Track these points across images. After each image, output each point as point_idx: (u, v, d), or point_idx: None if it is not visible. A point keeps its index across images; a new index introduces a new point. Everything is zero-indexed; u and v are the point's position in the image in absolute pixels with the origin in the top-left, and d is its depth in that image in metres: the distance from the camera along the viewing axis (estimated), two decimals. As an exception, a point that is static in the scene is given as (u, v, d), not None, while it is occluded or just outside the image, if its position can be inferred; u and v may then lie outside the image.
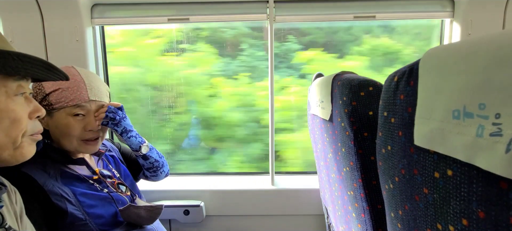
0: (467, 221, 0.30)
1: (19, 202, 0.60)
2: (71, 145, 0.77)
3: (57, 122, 0.76)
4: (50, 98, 0.74)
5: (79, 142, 0.78)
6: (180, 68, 1.46)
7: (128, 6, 1.23)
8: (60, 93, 0.75)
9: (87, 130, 0.78)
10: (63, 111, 0.75)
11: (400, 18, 1.25)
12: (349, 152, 0.66)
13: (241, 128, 1.52)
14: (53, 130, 0.77)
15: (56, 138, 0.77)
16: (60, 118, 0.75)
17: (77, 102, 0.75)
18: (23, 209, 0.60)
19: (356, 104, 0.62)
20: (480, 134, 0.26)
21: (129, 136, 0.89)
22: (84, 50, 1.21)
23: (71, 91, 0.75)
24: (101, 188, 0.80)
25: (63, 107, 0.75)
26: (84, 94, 0.77)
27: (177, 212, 1.28)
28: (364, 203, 0.66)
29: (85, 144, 0.79)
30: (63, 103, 0.75)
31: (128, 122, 0.90)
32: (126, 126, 0.88)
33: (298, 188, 1.31)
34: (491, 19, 1.18)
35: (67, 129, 0.75)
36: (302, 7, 1.23)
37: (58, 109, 0.75)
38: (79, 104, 0.76)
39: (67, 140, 0.76)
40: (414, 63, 0.38)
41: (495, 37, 0.25)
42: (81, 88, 0.77)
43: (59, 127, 0.76)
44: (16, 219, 0.56)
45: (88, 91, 0.78)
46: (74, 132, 0.76)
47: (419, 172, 0.37)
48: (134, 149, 0.92)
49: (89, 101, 0.78)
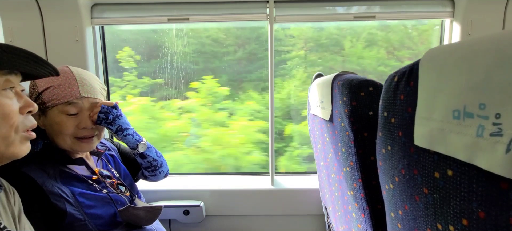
0: (467, 221, 0.30)
1: (18, 202, 0.59)
2: (65, 143, 0.77)
3: (51, 120, 0.75)
4: (43, 96, 0.74)
5: (73, 140, 0.77)
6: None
7: (128, 6, 1.23)
8: (52, 91, 0.75)
9: (80, 127, 0.77)
10: (56, 109, 0.75)
11: (400, 18, 1.26)
12: (349, 152, 0.66)
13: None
14: (48, 129, 0.77)
15: (51, 137, 0.77)
16: (53, 116, 0.75)
17: (68, 99, 0.75)
18: (21, 209, 0.59)
19: (356, 104, 0.62)
20: (480, 134, 0.26)
21: (125, 134, 0.88)
22: (84, 50, 1.21)
23: (62, 88, 0.75)
24: (100, 188, 0.80)
25: (55, 105, 0.75)
26: (76, 91, 0.76)
27: (177, 212, 1.28)
28: (364, 203, 0.66)
29: (80, 142, 0.78)
30: (55, 101, 0.74)
31: (124, 120, 0.88)
32: (122, 124, 0.87)
33: (298, 188, 1.31)
34: (491, 19, 1.18)
35: (59, 127, 0.75)
36: (302, 7, 1.23)
37: (51, 107, 0.75)
38: (71, 101, 0.75)
39: (61, 138, 0.76)
40: (414, 63, 0.38)
41: (495, 37, 0.25)
42: (72, 85, 0.76)
43: (52, 125, 0.75)
44: (13, 219, 0.55)
45: (79, 88, 0.77)
46: (67, 130, 0.75)
47: (419, 172, 0.37)
48: (131, 147, 0.92)
49: (81, 97, 0.77)
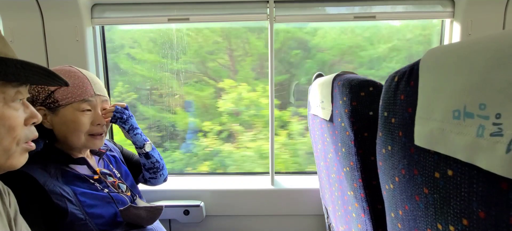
0: (468, 221, 0.30)
1: (13, 203, 0.58)
2: (79, 141, 0.78)
3: (64, 118, 0.76)
4: (56, 95, 0.75)
5: (87, 137, 0.79)
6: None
7: (128, 6, 1.23)
8: (65, 89, 0.75)
9: (95, 124, 0.80)
10: (70, 107, 0.76)
11: (400, 18, 1.26)
12: (349, 152, 0.66)
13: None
14: (58, 127, 0.76)
15: (62, 135, 0.77)
16: (67, 114, 0.76)
17: (84, 97, 0.77)
18: (17, 210, 0.58)
19: (357, 104, 0.62)
20: (480, 134, 0.26)
21: (135, 133, 0.94)
22: (84, 50, 1.21)
23: (77, 87, 0.77)
24: (101, 188, 0.80)
25: (70, 103, 0.75)
26: (90, 89, 0.79)
27: (177, 212, 1.28)
28: (364, 203, 0.66)
29: (93, 139, 0.80)
30: (70, 99, 0.75)
31: (134, 120, 0.95)
32: (133, 124, 0.94)
33: (298, 188, 1.31)
34: (491, 19, 1.18)
35: (76, 124, 0.76)
36: (302, 7, 1.23)
37: (64, 105, 0.75)
38: (86, 99, 0.78)
39: (76, 136, 0.77)
40: (415, 63, 0.38)
41: (495, 37, 0.25)
42: (85, 84, 0.78)
43: (66, 123, 0.76)
44: (8, 222, 0.54)
45: (92, 86, 0.80)
46: (83, 127, 0.77)
47: (419, 172, 0.37)
48: (139, 146, 0.96)
49: (94, 95, 0.80)
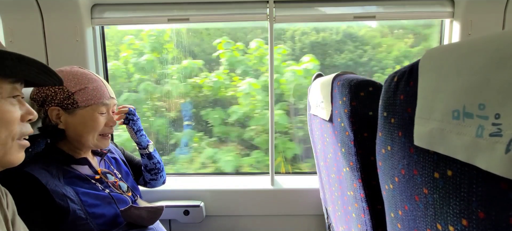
0: (467, 221, 0.30)
1: (11, 204, 0.58)
2: (92, 140, 0.82)
3: (82, 118, 0.79)
4: (76, 97, 0.78)
5: (98, 137, 0.84)
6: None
7: (128, 6, 1.23)
8: (86, 91, 0.79)
9: (109, 125, 0.85)
10: (90, 108, 0.80)
11: (400, 18, 1.26)
12: (349, 152, 0.66)
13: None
14: (74, 127, 0.79)
15: (77, 134, 0.80)
16: (86, 115, 0.80)
17: (102, 100, 0.82)
18: (15, 211, 0.58)
19: (356, 104, 0.62)
20: (480, 134, 0.26)
21: (141, 134, 1.02)
22: (84, 50, 1.21)
23: (96, 90, 0.81)
24: (102, 188, 0.81)
25: (90, 104, 0.80)
26: (107, 93, 0.84)
27: (177, 212, 1.28)
28: (364, 203, 0.66)
29: (103, 138, 0.85)
30: (91, 101, 0.79)
31: (140, 123, 1.02)
32: (140, 126, 1.02)
33: (298, 188, 1.31)
34: (491, 19, 1.18)
35: (94, 124, 0.81)
36: (302, 7, 1.23)
37: (83, 107, 0.79)
38: (104, 103, 0.83)
39: (91, 135, 0.81)
40: (414, 63, 0.38)
41: (495, 37, 0.25)
42: (103, 87, 0.83)
43: (84, 122, 0.80)
44: (5, 223, 0.54)
45: (108, 90, 0.86)
46: (99, 127, 0.82)
47: (419, 172, 0.37)
48: (143, 147, 1.02)
49: (109, 98, 0.85)
